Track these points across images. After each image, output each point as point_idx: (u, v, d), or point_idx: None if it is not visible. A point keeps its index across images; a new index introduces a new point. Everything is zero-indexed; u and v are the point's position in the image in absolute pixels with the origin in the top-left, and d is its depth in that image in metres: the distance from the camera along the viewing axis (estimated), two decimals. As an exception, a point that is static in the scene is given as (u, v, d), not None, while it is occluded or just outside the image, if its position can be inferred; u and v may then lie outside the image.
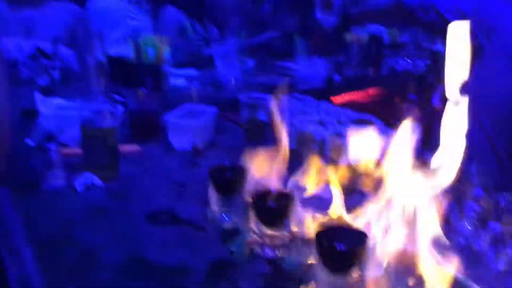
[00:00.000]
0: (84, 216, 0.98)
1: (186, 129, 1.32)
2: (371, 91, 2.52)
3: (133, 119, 1.38)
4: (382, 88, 2.44)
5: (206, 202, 1.02)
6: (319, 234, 0.72)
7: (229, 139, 1.49)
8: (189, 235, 0.91)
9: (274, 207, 0.84)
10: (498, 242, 0.84)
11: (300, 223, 0.91)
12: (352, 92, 2.40)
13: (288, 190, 0.89)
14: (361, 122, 1.24)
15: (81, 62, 1.81)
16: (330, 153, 1.10)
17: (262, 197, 0.85)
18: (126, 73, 1.69)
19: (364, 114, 1.31)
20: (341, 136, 1.12)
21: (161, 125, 1.41)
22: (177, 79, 2.08)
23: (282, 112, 1.28)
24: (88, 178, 1.08)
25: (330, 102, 1.47)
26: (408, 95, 2.72)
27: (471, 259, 0.86)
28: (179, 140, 1.33)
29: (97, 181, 1.09)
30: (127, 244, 0.87)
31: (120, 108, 1.36)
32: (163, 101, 1.60)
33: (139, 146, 1.33)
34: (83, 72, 1.57)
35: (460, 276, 0.77)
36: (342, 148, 1.08)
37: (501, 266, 0.82)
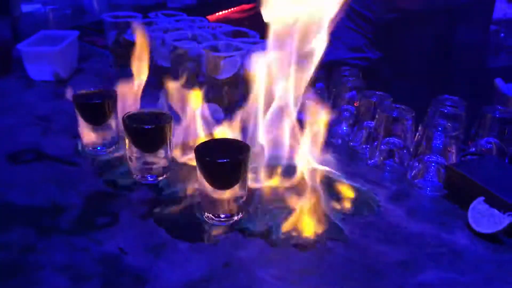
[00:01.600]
0: None
1: (44, 57, 1.18)
2: (245, 6, 2.47)
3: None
4: (256, 2, 2.40)
5: (74, 135, 0.93)
6: (198, 148, 0.69)
7: (96, 64, 1.37)
8: (59, 172, 0.83)
9: (150, 129, 0.78)
10: (371, 139, 0.87)
11: (178, 145, 0.87)
12: (227, 10, 2.33)
13: (164, 111, 0.83)
14: (237, 35, 1.20)
15: None
16: (207, 69, 1.05)
17: (136, 120, 0.79)
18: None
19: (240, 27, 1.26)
20: (217, 50, 1.06)
21: (14, 56, 1.25)
22: (31, 4, 1.86)
23: (152, 29, 1.20)
24: None
25: (205, 19, 1.39)
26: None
27: (349, 156, 0.90)
28: (38, 70, 1.19)
29: None
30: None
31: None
32: (14, 29, 1.42)
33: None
34: None
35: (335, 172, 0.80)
36: (218, 63, 1.03)
37: (375, 160, 0.86)
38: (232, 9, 2.40)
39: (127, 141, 0.79)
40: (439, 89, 0.97)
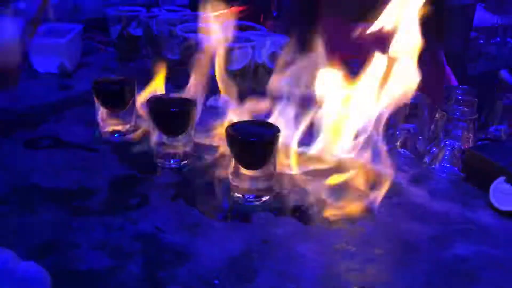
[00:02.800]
0: None
1: (51, 49, 1.16)
2: (237, 8, 2.49)
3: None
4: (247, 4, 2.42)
5: (87, 123, 0.93)
6: (228, 129, 0.70)
7: (97, 58, 1.37)
8: (79, 157, 0.82)
9: (174, 112, 0.79)
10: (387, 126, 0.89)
11: (203, 130, 0.88)
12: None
13: (189, 96, 0.84)
14: (244, 28, 1.21)
15: None
16: (217, 59, 1.06)
17: (161, 103, 0.79)
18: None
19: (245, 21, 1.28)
20: (227, 42, 1.07)
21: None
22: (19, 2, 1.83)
23: (158, 22, 1.21)
24: None
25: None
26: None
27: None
28: (44, 62, 1.18)
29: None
30: (10, 173, 0.76)
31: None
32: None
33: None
34: None
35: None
36: (230, 54, 1.05)
37: (390, 146, 0.88)
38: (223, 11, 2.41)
39: (150, 125, 0.79)
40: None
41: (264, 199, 0.71)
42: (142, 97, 0.89)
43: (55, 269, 0.52)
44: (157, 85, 0.89)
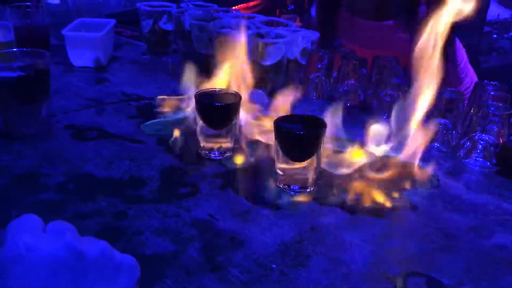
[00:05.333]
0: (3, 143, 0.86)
1: (88, 42, 1.20)
2: (249, 3, 2.52)
3: (22, 37, 1.21)
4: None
5: (129, 115, 0.97)
6: (277, 122, 0.73)
7: (128, 52, 1.40)
8: (126, 148, 0.86)
9: (220, 107, 0.82)
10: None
11: (246, 123, 0.91)
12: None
13: (233, 91, 0.87)
14: (273, 23, 1.24)
15: None
16: (252, 55, 1.09)
17: (207, 98, 0.82)
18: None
19: (273, 17, 1.31)
20: (263, 37, 1.10)
21: (50, 42, 1.26)
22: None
23: (189, 17, 1.23)
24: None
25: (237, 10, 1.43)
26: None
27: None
28: (80, 56, 1.21)
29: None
30: (64, 164, 0.79)
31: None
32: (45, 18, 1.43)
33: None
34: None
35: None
36: (264, 49, 1.07)
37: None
38: (236, 6, 2.45)
39: (197, 117, 0.83)
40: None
41: (309, 189, 0.75)
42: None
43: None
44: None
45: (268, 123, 0.88)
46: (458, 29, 1.38)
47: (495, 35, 3.30)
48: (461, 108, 0.88)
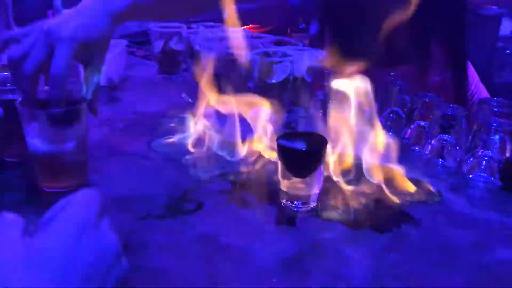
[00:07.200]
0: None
1: (100, 63, 1.23)
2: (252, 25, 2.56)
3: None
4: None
5: (140, 133, 0.99)
6: (279, 139, 0.74)
7: (139, 72, 1.44)
8: (136, 165, 0.88)
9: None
10: (424, 137, 0.93)
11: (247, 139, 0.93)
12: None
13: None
14: (281, 43, 1.27)
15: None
16: (259, 74, 1.11)
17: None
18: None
19: (281, 36, 1.33)
20: (269, 56, 1.13)
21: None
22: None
23: (198, 38, 1.27)
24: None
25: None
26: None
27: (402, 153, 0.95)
28: (92, 76, 1.25)
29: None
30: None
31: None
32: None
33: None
34: None
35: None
36: (271, 68, 1.10)
37: (428, 156, 0.92)
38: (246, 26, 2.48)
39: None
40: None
41: (311, 205, 0.76)
42: (199, 109, 0.94)
43: (129, 268, 0.58)
44: (209, 100, 0.94)
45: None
46: (469, 51, 1.40)
47: (507, 51, 3.29)
48: (464, 124, 0.89)
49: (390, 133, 1.01)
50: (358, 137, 0.85)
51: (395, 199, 0.78)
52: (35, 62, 0.74)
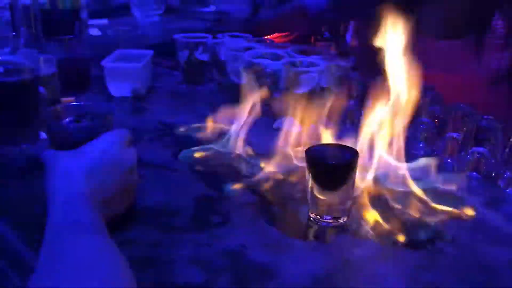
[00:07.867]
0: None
1: (126, 74, 1.24)
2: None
3: (63, 67, 1.26)
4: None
5: (167, 144, 0.98)
6: (308, 152, 0.73)
7: (165, 83, 1.43)
8: (162, 176, 0.87)
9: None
10: (458, 149, 0.90)
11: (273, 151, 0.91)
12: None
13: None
14: (307, 53, 1.25)
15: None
16: (286, 84, 1.10)
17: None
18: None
19: (306, 45, 1.32)
20: (296, 66, 1.11)
21: (91, 74, 1.31)
22: (91, 28, 1.95)
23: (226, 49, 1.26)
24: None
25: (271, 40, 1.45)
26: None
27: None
28: (119, 87, 1.25)
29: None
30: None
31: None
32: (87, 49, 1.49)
33: (73, 96, 1.23)
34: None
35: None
36: (298, 78, 1.08)
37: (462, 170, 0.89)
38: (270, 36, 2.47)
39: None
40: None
41: (341, 220, 0.74)
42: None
43: (155, 282, 0.56)
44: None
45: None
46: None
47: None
48: (500, 136, 0.85)
49: (421, 145, 0.98)
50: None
51: (430, 215, 0.75)
52: None
